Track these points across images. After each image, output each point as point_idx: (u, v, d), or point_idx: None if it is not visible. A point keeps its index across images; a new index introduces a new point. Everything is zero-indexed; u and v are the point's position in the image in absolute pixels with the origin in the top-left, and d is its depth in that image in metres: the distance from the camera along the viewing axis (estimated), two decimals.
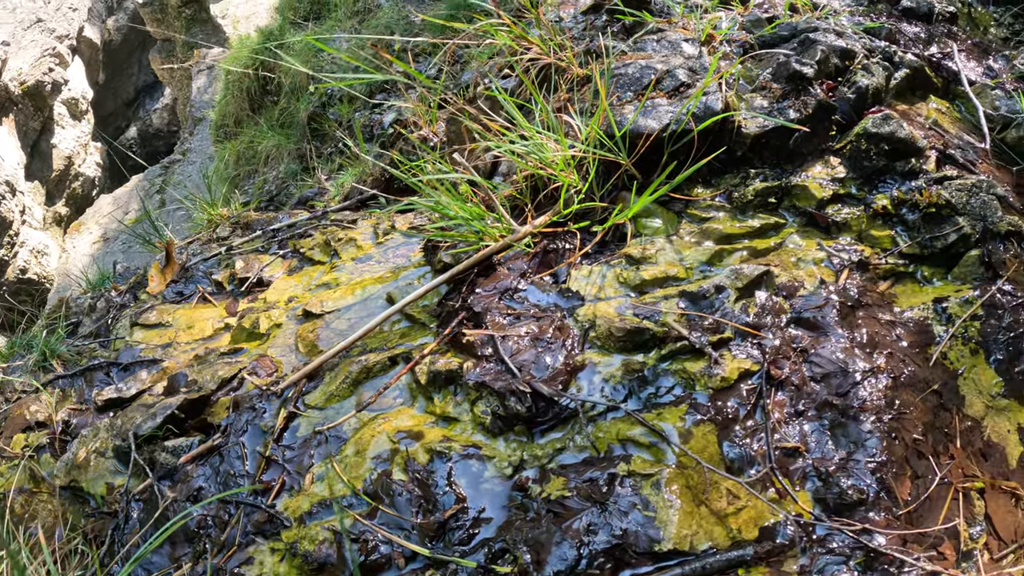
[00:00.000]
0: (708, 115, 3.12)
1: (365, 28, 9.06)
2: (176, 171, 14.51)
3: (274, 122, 9.39)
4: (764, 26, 3.75)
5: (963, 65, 4.13)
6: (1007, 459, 2.77)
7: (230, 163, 9.71)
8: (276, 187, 8.54)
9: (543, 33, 3.88)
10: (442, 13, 8.32)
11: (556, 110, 3.51)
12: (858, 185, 3.21)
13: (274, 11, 12.18)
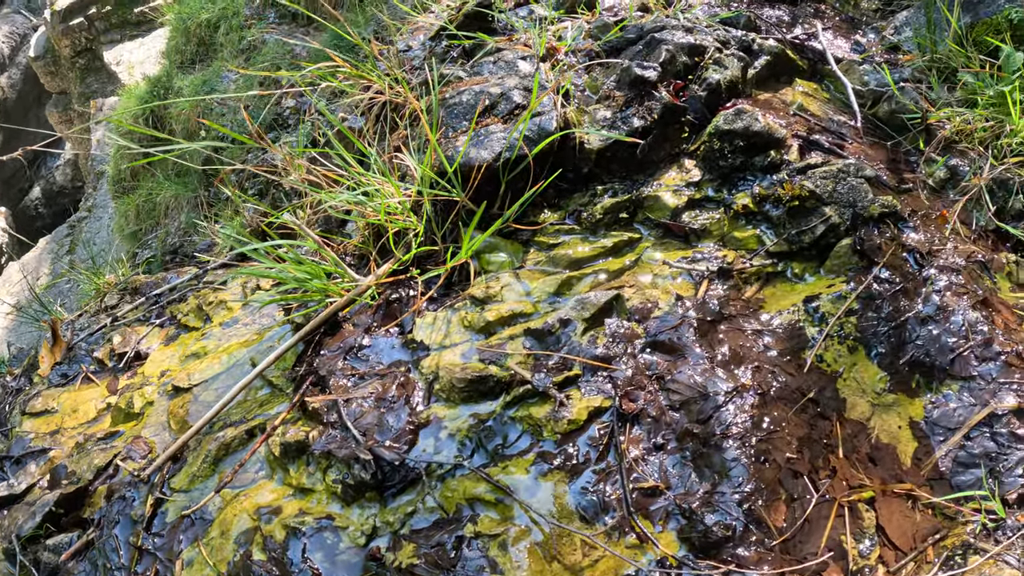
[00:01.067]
0: (543, 136, 2.96)
1: (251, 65, 9.00)
2: (84, 229, 14.21)
3: (170, 171, 9.27)
4: (612, 31, 3.62)
5: (829, 43, 4.01)
6: (899, 458, 2.61)
7: (131, 218, 9.56)
8: (179, 239, 8.41)
9: (386, 67, 3.73)
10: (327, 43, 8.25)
11: (396, 148, 3.34)
12: (715, 187, 3.07)
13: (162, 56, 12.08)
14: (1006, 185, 3.35)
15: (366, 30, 8.37)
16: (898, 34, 4.20)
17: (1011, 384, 2.67)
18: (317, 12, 9.59)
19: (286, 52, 9.05)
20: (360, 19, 8.55)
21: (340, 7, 9.30)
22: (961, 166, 3.46)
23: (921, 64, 3.91)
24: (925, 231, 3.12)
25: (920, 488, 2.55)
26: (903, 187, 3.29)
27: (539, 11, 3.83)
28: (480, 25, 3.80)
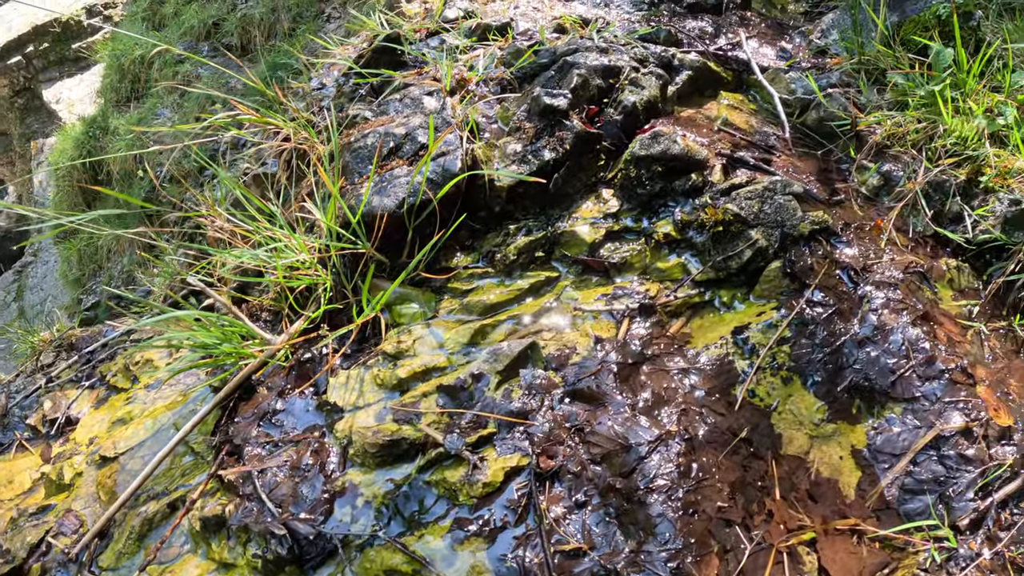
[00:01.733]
0: (447, 178, 2.86)
1: (187, 101, 8.91)
2: (30, 274, 13.97)
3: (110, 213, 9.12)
4: (525, 56, 3.52)
5: (754, 52, 3.94)
6: (842, 492, 2.52)
7: (74, 263, 9.41)
8: (122, 282, 8.28)
9: (292, 111, 3.61)
10: (260, 76, 8.15)
11: (307, 195, 3.23)
12: (635, 216, 2.97)
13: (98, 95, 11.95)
14: (942, 188, 3.28)
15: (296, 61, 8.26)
16: (825, 37, 4.13)
17: (957, 403, 2.59)
18: (251, 43, 9.49)
19: (220, 85, 8.93)
20: (294, 47, 8.44)
21: (273, 36, 9.19)
22: (895, 171, 3.39)
23: (849, 67, 3.84)
24: (860, 245, 3.04)
25: (866, 521, 2.46)
26: (835, 199, 3.21)
27: (451, 40, 3.73)
28: (390, 59, 3.69)
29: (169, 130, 6.28)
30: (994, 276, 3.08)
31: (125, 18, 11.25)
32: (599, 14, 3.99)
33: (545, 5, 4.07)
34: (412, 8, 4.35)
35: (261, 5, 9.31)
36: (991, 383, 2.72)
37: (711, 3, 4.24)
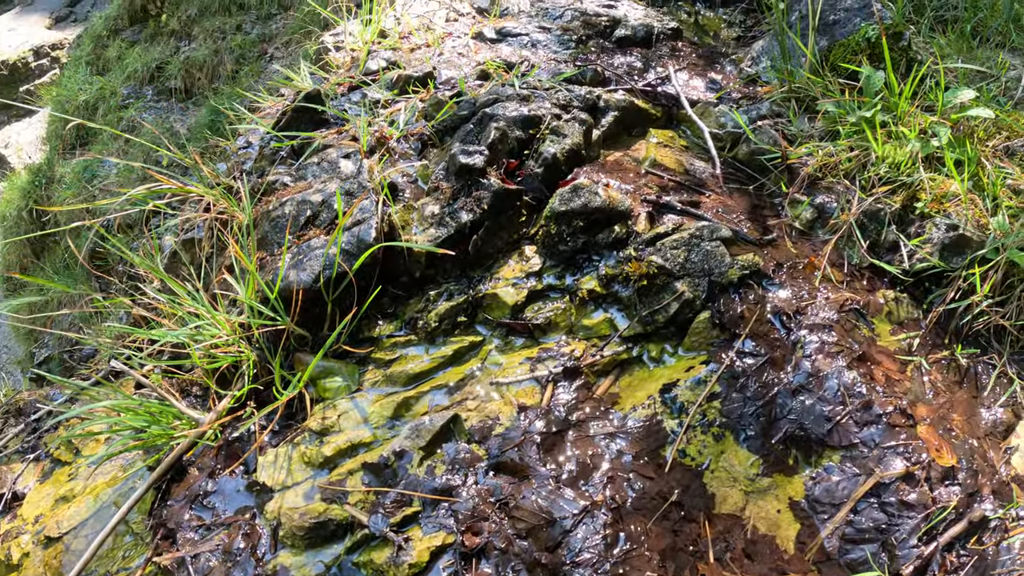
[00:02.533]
0: (363, 249, 2.85)
1: (132, 147, 8.89)
2: None
3: (59, 265, 9.11)
4: (446, 107, 3.53)
5: (684, 86, 3.96)
6: (780, 547, 2.52)
7: (24, 316, 9.38)
8: (71, 338, 8.26)
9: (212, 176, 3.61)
10: (204, 120, 8.15)
11: (228, 268, 3.22)
12: (558, 273, 2.98)
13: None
14: (877, 217, 3.30)
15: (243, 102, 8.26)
16: (755, 65, 4.16)
17: (896, 447, 2.59)
18: (194, 86, 9.49)
19: (165, 131, 8.92)
20: (237, 90, 8.44)
21: (216, 79, 9.19)
22: (828, 203, 3.41)
23: (779, 96, 3.87)
24: (793, 285, 3.05)
25: None
26: (767, 238, 3.23)
27: (372, 94, 3.74)
28: (312, 117, 3.69)
29: (82, 206, 6.25)
30: (934, 304, 3.10)
31: (69, 62, 11.22)
32: (525, 55, 4.00)
33: (470, 49, 4.08)
34: (339, 57, 4.36)
35: (204, 48, 9.31)
36: (933, 420, 2.73)
37: (640, 37, 4.27)
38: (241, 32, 9.37)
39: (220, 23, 9.62)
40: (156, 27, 10.64)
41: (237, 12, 9.72)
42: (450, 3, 4.56)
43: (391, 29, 4.48)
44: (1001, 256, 3.01)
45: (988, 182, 3.24)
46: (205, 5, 9.91)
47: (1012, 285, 3.01)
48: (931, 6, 4.75)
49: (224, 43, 9.22)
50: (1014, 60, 4.39)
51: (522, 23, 4.32)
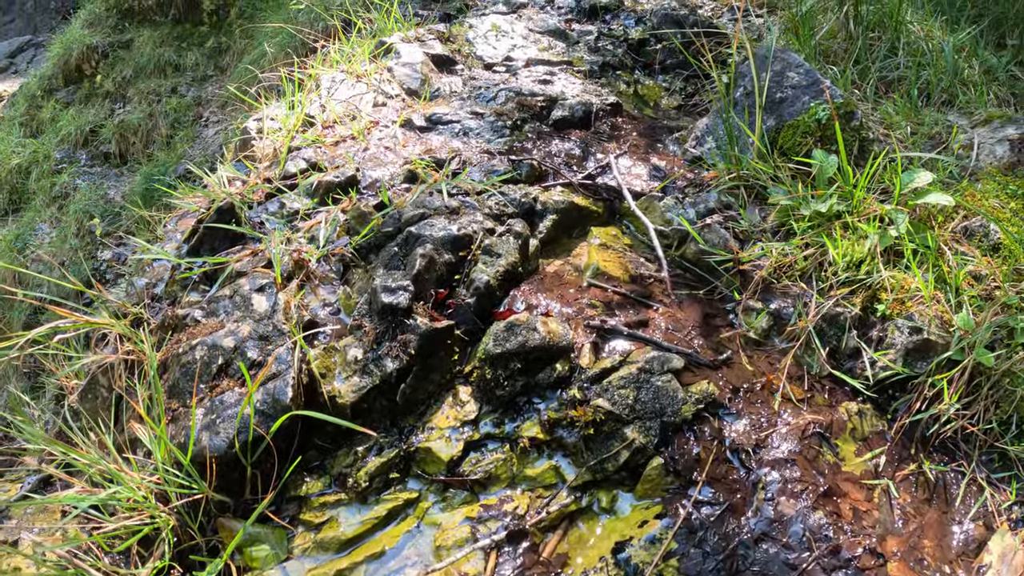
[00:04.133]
0: (279, 410, 2.50)
1: (65, 215, 8.49)
2: None
3: None
4: (372, 218, 3.19)
5: (625, 174, 3.66)
6: None
7: None
8: (7, 419, 7.81)
9: (119, 303, 3.24)
10: (139, 188, 7.76)
11: (133, 425, 2.84)
12: (496, 420, 2.65)
13: None
14: (837, 322, 3.02)
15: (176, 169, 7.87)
16: (700, 145, 3.87)
17: None
18: (128, 150, 9.07)
19: (99, 197, 8.51)
20: (172, 158, 8.06)
21: (151, 144, 8.78)
22: (784, 308, 3.13)
23: (727, 183, 3.57)
24: (751, 413, 2.76)
25: None
26: (721, 357, 2.93)
27: (291, 203, 3.39)
28: (227, 230, 3.33)
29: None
30: (899, 411, 2.83)
31: (3, 122, 10.73)
32: (456, 147, 3.67)
33: (398, 142, 3.74)
34: (262, 148, 4.00)
35: (138, 111, 8.90)
36: (903, 554, 2.47)
37: (579, 117, 3.96)
38: (176, 95, 8.98)
39: (155, 85, 9.22)
40: (91, 88, 10.20)
41: (172, 74, 9.33)
42: (378, 85, 4.22)
43: (316, 116, 4.12)
44: (967, 358, 2.73)
45: (950, 274, 2.96)
46: (140, 66, 9.51)
47: (979, 385, 2.74)
48: (875, 68, 4.50)
49: (159, 106, 8.82)
50: (961, 121, 4.16)
51: (453, 107, 3.99)
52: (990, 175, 3.64)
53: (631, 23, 5.24)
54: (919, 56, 4.61)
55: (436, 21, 5.33)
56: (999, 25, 5.23)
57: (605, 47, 4.82)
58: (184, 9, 9.96)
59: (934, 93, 4.36)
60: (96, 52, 10.35)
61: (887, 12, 4.76)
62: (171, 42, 9.77)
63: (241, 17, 9.41)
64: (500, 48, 4.68)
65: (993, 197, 3.43)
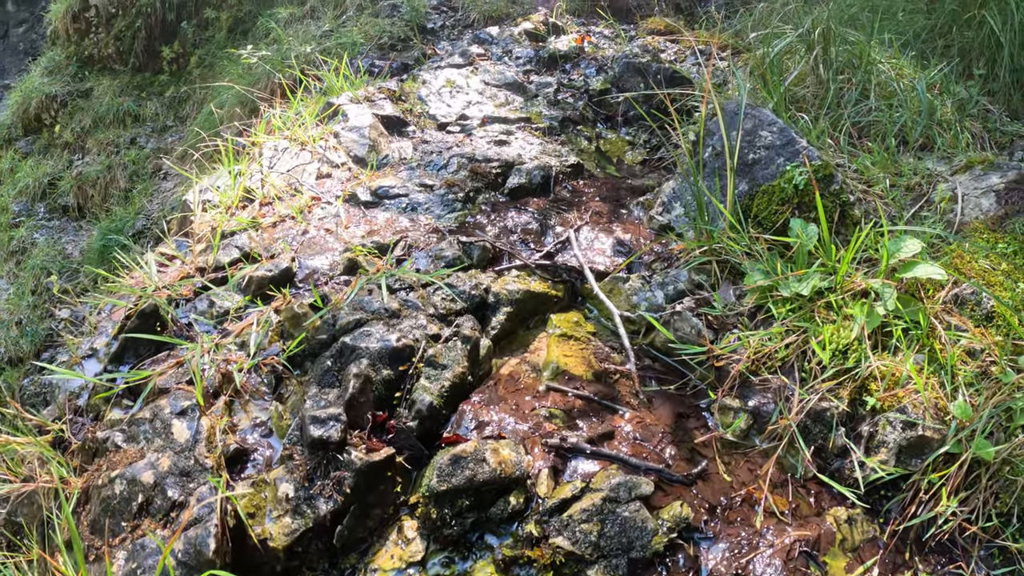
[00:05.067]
0: (202, 563, 2.15)
1: (22, 270, 8.12)
2: None
3: None
4: (306, 321, 2.84)
5: (587, 249, 3.33)
6: None
7: None
8: None
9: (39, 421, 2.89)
10: (96, 244, 7.41)
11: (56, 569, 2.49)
12: (445, 559, 2.32)
13: None
14: (822, 417, 2.70)
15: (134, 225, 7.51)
16: (667, 211, 3.54)
17: None
18: (87, 203, 8.68)
19: (58, 252, 8.14)
20: (129, 212, 7.69)
21: (109, 197, 8.40)
22: (764, 405, 2.81)
23: (698, 258, 3.24)
24: (731, 535, 2.44)
25: None
26: (696, 470, 2.60)
27: (221, 301, 3.03)
28: (153, 331, 2.99)
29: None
30: (892, 512, 2.52)
31: None
32: (403, 227, 3.33)
33: (340, 222, 3.40)
34: (201, 226, 3.65)
35: (97, 162, 8.52)
36: None
37: (537, 183, 3.63)
38: (135, 146, 8.61)
39: (114, 135, 8.85)
40: (50, 138, 9.81)
41: (132, 124, 8.96)
42: (323, 153, 3.88)
43: (256, 190, 3.77)
44: (966, 453, 2.42)
45: (943, 351, 2.69)
46: (99, 116, 9.13)
47: (978, 477, 2.46)
48: (848, 114, 4.20)
49: (118, 158, 8.44)
50: (940, 167, 3.86)
51: (401, 178, 3.65)
52: (978, 231, 3.33)
53: (592, 72, 4.91)
54: (891, 97, 4.33)
55: (389, 76, 4.98)
56: (965, 55, 5.01)
57: (565, 100, 4.49)
58: (144, 58, 9.60)
59: (910, 137, 4.07)
60: (55, 101, 9.96)
61: (856, 52, 4.47)
62: (131, 91, 9.41)
63: (201, 66, 9.06)
64: (455, 105, 4.33)
65: (983, 257, 3.12)
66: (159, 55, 9.59)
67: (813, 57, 4.33)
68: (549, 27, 5.71)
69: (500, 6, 6.26)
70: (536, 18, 5.83)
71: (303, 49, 5.69)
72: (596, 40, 5.49)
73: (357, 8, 6.81)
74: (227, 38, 8.91)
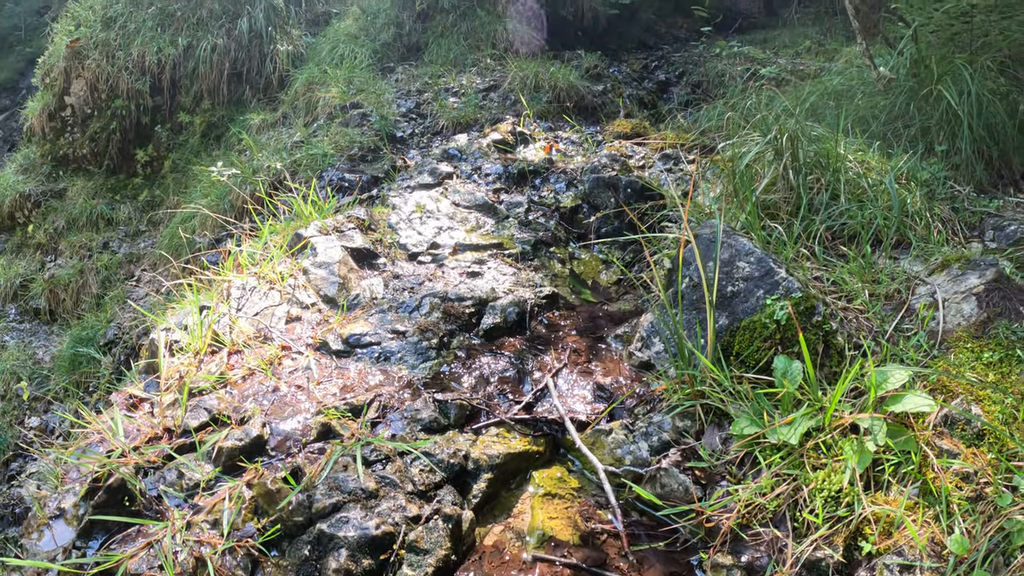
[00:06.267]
0: None
1: None
2: None
3: None
4: (281, 498, 2.65)
5: (566, 397, 3.18)
6: None
7: None
8: None
9: None
10: (67, 352, 7.18)
11: None
12: None
13: None
14: (818, 567, 2.61)
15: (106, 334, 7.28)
16: (647, 347, 3.40)
17: None
18: (59, 306, 8.45)
19: (28, 357, 7.89)
20: (101, 320, 7.47)
21: (81, 302, 8.19)
22: (758, 559, 2.68)
23: (680, 401, 3.10)
24: None
25: None
26: None
27: (190, 472, 2.84)
28: (121, 507, 2.81)
29: None
30: None
31: None
32: (377, 381, 3.18)
33: (312, 376, 3.23)
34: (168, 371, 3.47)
35: (69, 266, 8.32)
36: None
37: (513, 321, 3.49)
38: (108, 250, 8.42)
39: (87, 239, 8.66)
40: (23, 237, 9.60)
41: (105, 228, 8.79)
42: (292, 292, 3.72)
43: (224, 336, 3.60)
44: None
45: (935, 481, 2.56)
46: (73, 217, 8.95)
47: None
48: (820, 218, 4.10)
49: (90, 262, 8.25)
50: (917, 267, 3.77)
51: (373, 323, 3.49)
52: (962, 340, 3.22)
53: (562, 187, 4.80)
54: (862, 195, 4.25)
55: (359, 194, 4.83)
56: (926, 133, 4.97)
57: (536, 220, 4.37)
58: (118, 160, 9.48)
59: (884, 236, 3.97)
60: (29, 200, 9.78)
61: (824, 152, 4.40)
62: (104, 193, 9.25)
63: (175, 170, 8.95)
64: (426, 232, 4.20)
65: (969, 370, 3.01)
66: (133, 158, 9.46)
67: (783, 164, 4.24)
68: (517, 137, 5.61)
69: (468, 112, 6.17)
70: (504, 128, 5.74)
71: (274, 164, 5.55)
72: (564, 147, 5.40)
73: (328, 117, 6.71)
74: (201, 143, 8.81)
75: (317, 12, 9.62)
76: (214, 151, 7.99)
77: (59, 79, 9.65)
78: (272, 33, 8.76)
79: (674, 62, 8.77)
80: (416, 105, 6.58)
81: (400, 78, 7.60)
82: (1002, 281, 3.40)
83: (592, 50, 8.37)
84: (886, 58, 5.84)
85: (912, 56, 5.16)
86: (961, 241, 4.01)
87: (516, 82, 6.55)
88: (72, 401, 6.84)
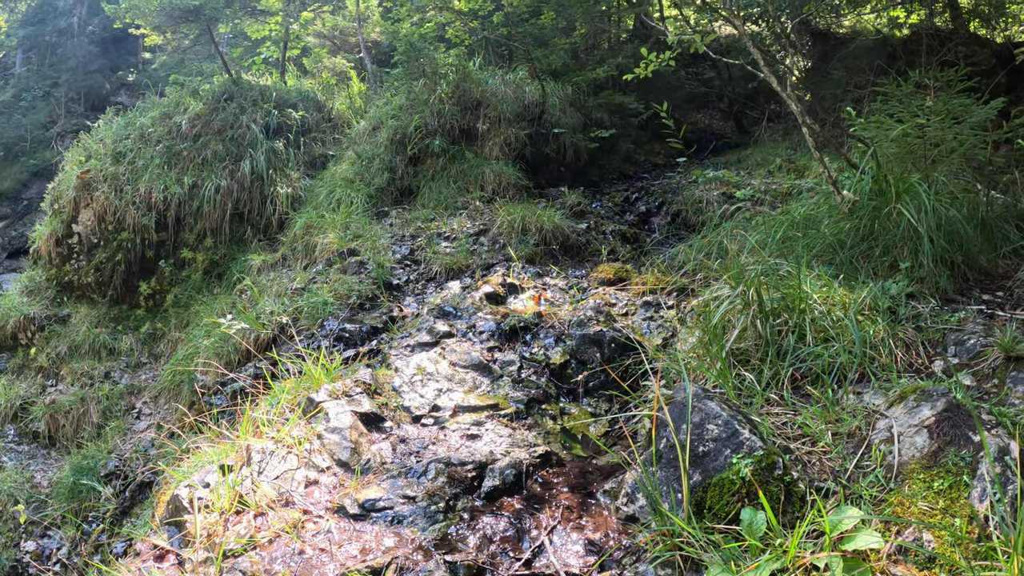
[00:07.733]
0: None
1: None
2: None
3: None
4: None
5: (560, 553, 3.59)
6: None
7: None
8: None
9: None
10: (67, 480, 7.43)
11: None
12: None
13: None
14: None
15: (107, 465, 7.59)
16: (631, 503, 3.81)
17: None
18: (59, 432, 8.75)
19: (26, 480, 8.14)
20: (101, 450, 7.78)
21: (81, 430, 8.50)
22: None
23: (662, 553, 3.48)
24: None
25: None
26: None
27: None
28: None
29: None
30: None
31: None
32: (392, 544, 3.55)
33: (334, 540, 3.61)
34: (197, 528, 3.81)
35: (70, 392, 8.66)
36: None
37: (511, 481, 3.90)
38: (109, 380, 8.79)
39: (89, 367, 9.04)
40: (25, 358, 9.94)
41: (107, 357, 9.17)
42: (308, 456, 4.10)
43: (248, 498, 3.97)
44: None
45: None
46: (75, 344, 9.33)
47: None
48: (788, 362, 4.54)
49: (91, 391, 8.60)
50: (877, 400, 4.17)
51: (385, 487, 3.89)
52: (915, 472, 3.60)
53: (551, 342, 5.27)
54: (825, 332, 4.65)
55: (363, 364, 5.25)
56: (890, 250, 5.31)
57: (528, 377, 4.82)
58: (122, 290, 9.91)
59: (848, 373, 4.37)
60: (33, 323, 10.15)
61: (790, 296, 4.82)
62: (107, 322, 9.66)
63: (176, 305, 9.39)
64: (427, 395, 4.64)
65: (921, 499, 3.40)
66: (137, 289, 9.90)
67: (751, 315, 4.68)
68: (507, 288, 6.10)
69: (460, 258, 6.66)
70: (495, 280, 6.24)
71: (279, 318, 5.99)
72: (551, 295, 5.89)
73: (326, 262, 7.19)
74: (203, 280, 9.27)
75: (315, 154, 10.23)
76: (216, 288, 8.45)
77: (68, 207, 10.13)
78: (272, 175, 9.34)
79: (653, 191, 9.33)
80: (410, 251, 7.07)
81: (394, 222, 8.13)
82: (952, 410, 3.80)
83: (575, 185, 8.94)
84: (852, 174, 6.19)
85: (872, 175, 5.52)
86: (925, 362, 4.41)
87: (504, 226, 7.08)
88: (70, 529, 7.09)
